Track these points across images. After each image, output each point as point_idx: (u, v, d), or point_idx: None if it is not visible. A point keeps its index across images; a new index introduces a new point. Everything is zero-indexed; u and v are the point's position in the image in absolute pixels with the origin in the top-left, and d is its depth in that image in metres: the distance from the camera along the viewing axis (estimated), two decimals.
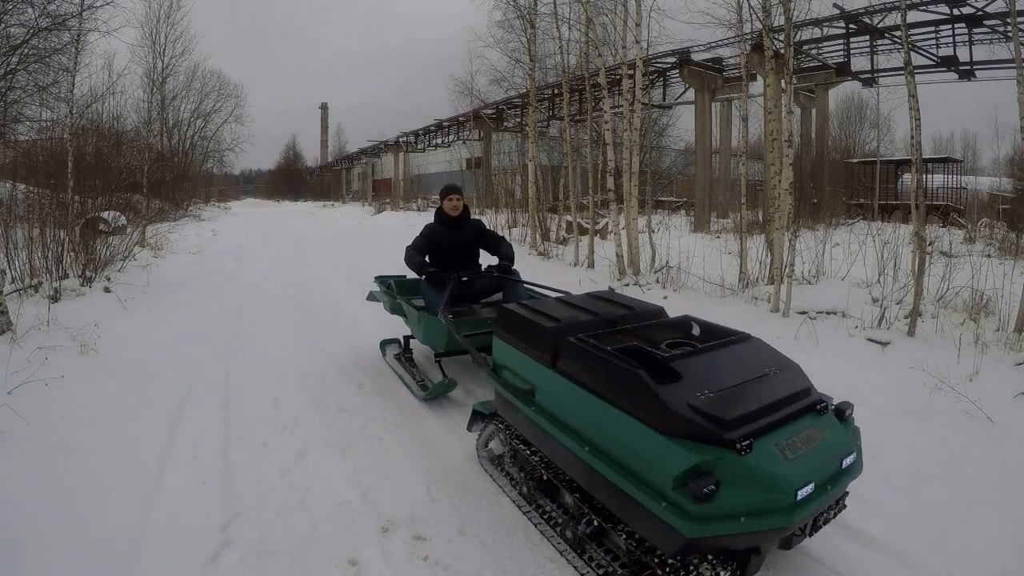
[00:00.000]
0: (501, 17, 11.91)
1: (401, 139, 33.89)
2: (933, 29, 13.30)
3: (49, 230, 5.76)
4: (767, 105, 6.26)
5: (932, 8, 12.71)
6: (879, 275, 5.30)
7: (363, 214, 26.11)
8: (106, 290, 5.75)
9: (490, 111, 21.84)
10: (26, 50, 9.60)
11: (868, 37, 14.40)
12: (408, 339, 4.14)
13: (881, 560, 2.09)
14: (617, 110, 8.89)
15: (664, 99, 18.59)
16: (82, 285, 5.62)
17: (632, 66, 7.34)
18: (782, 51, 5.72)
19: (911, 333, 4.20)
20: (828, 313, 4.83)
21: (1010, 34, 7.49)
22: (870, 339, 4.14)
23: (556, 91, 16.84)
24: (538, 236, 10.18)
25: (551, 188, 13.44)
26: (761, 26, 5.87)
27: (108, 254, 6.50)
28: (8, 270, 5.30)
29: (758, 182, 16.06)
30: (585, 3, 7.82)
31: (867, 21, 13.74)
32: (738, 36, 7.85)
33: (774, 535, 1.69)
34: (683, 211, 19.17)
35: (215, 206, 28.74)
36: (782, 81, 5.85)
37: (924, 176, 6.47)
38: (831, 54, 15.82)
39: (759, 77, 10.33)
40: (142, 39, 19.30)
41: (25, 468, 2.58)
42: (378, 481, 2.60)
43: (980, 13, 12.20)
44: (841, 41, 15.01)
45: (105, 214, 7.73)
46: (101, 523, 2.23)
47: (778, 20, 5.92)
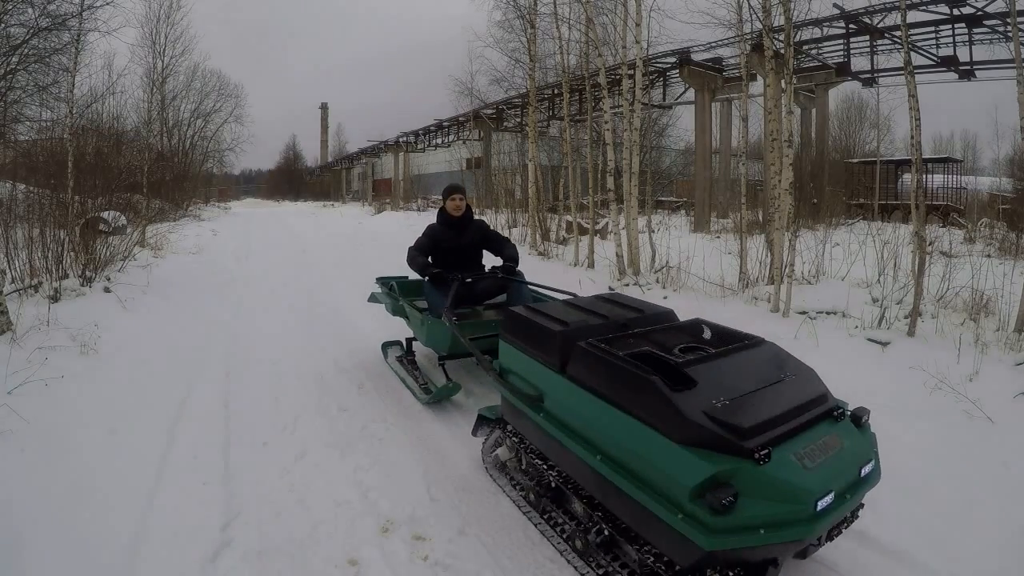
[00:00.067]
0: (501, 17, 11.96)
1: (401, 139, 33.87)
2: (933, 29, 13.30)
3: (49, 230, 5.76)
4: (767, 105, 6.26)
5: (932, 8, 12.71)
6: (879, 275, 5.30)
7: (363, 214, 26.10)
8: (106, 290, 5.75)
9: (490, 111, 21.85)
10: (26, 50, 9.60)
11: (868, 37, 14.40)
12: (410, 341, 4.09)
13: (881, 560, 2.09)
14: (617, 110, 8.88)
15: (664, 99, 18.59)
16: (82, 285, 5.62)
17: (632, 66, 7.34)
18: (782, 51, 5.72)
19: (911, 333, 4.20)
20: (828, 313, 4.83)
21: (1010, 34, 7.49)
22: (870, 339, 4.14)
23: (556, 91, 16.84)
24: (538, 236, 10.18)
25: (551, 188, 13.43)
26: (761, 26, 5.88)
27: (108, 254, 6.49)
28: (8, 270, 5.30)
29: (758, 182, 16.05)
30: (585, 3, 7.82)
31: (867, 21, 13.73)
32: (738, 36, 7.86)
33: (793, 547, 1.66)
34: (683, 211, 19.17)
35: (215, 206, 28.73)
36: (782, 81, 5.85)
37: (924, 176, 6.47)
38: (831, 54, 15.82)
39: (759, 77, 10.33)
40: (142, 39, 19.33)
41: (25, 468, 2.58)
42: (378, 481, 2.60)
43: (980, 13, 12.20)
44: (841, 41, 15.01)
45: (105, 214, 7.72)
46: (101, 523, 2.23)
47: (778, 20, 5.93)
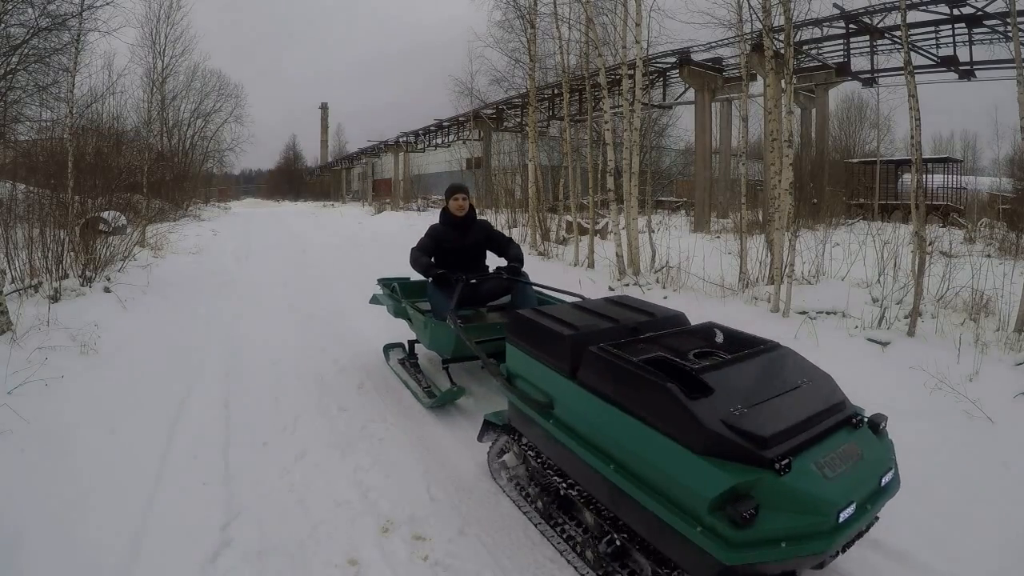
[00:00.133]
0: (501, 17, 11.95)
1: (401, 139, 33.87)
2: (933, 29, 13.30)
3: (49, 230, 5.76)
4: (767, 105, 6.26)
5: (932, 8, 12.71)
6: (879, 275, 5.30)
7: (363, 214, 26.10)
8: (106, 290, 5.75)
9: (490, 111, 21.85)
10: (26, 50, 9.60)
11: (868, 37, 14.40)
12: (413, 344, 4.01)
13: (881, 560, 2.09)
14: (617, 110, 8.88)
15: (664, 99, 18.60)
16: (82, 285, 5.62)
17: (632, 66, 7.34)
18: (782, 51, 5.72)
19: (911, 333, 4.20)
20: (828, 313, 4.83)
21: (1010, 34, 7.49)
22: (870, 339, 4.14)
23: (556, 91, 16.84)
24: (538, 236, 10.18)
25: (551, 188, 13.43)
26: (761, 26, 5.88)
27: (108, 254, 6.49)
28: (8, 270, 5.30)
29: (758, 182, 16.05)
30: (585, 3, 7.82)
31: (867, 21, 13.74)
32: (738, 36, 7.86)
33: (813, 559, 1.61)
34: (683, 211, 19.18)
35: (215, 206, 28.73)
36: (782, 81, 5.85)
37: (924, 176, 6.47)
38: (831, 54, 15.82)
39: (759, 77, 10.33)
40: (142, 39, 19.36)
41: (25, 468, 2.58)
42: (378, 481, 2.60)
43: (980, 13, 12.20)
44: (841, 41, 15.01)
45: (105, 214, 7.72)
46: (101, 523, 2.23)
47: (778, 20, 5.93)
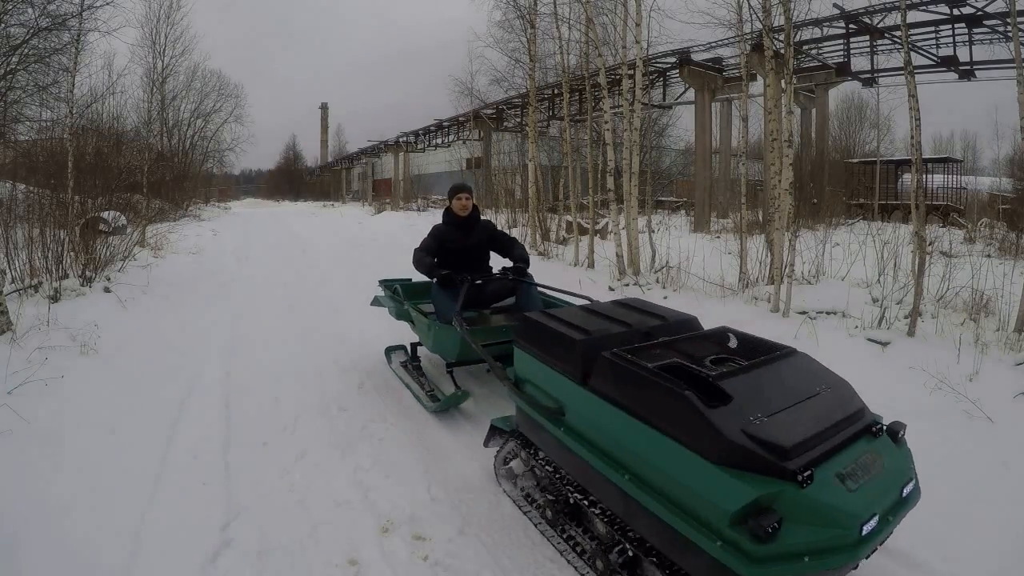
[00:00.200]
0: (501, 17, 11.97)
1: (401, 139, 33.87)
2: (933, 29, 13.30)
3: (49, 230, 5.76)
4: (767, 105, 6.26)
5: (932, 8, 12.72)
6: (879, 275, 5.31)
7: (363, 214, 26.09)
8: (106, 290, 5.75)
9: (490, 111, 21.86)
10: (26, 50, 9.59)
11: (868, 37, 14.40)
12: (415, 346, 3.96)
13: (880, 561, 2.08)
14: (617, 110, 8.89)
15: (664, 99, 18.60)
16: (82, 285, 5.62)
17: (632, 66, 7.35)
18: (782, 51, 5.73)
19: (911, 333, 4.20)
20: (828, 313, 4.83)
21: (1010, 34, 7.49)
22: (870, 339, 4.14)
23: (556, 91, 16.84)
24: (538, 236, 10.18)
25: (551, 188, 13.44)
26: (761, 26, 5.88)
27: (108, 254, 6.49)
28: (8, 270, 5.31)
29: (758, 182, 16.06)
30: (585, 3, 7.82)
31: (867, 21, 13.74)
32: (738, 36, 7.86)
33: (834, 573, 1.56)
34: (683, 211, 19.18)
35: (215, 206, 28.72)
36: (782, 81, 5.85)
37: (924, 176, 6.47)
38: (831, 54, 15.82)
39: (759, 77, 10.34)
40: (142, 39, 19.34)
41: (25, 468, 2.58)
42: (378, 481, 2.60)
43: (980, 13, 12.21)
44: (841, 41, 15.01)
45: (105, 214, 7.72)
46: (101, 523, 2.23)
47: (778, 20, 5.93)
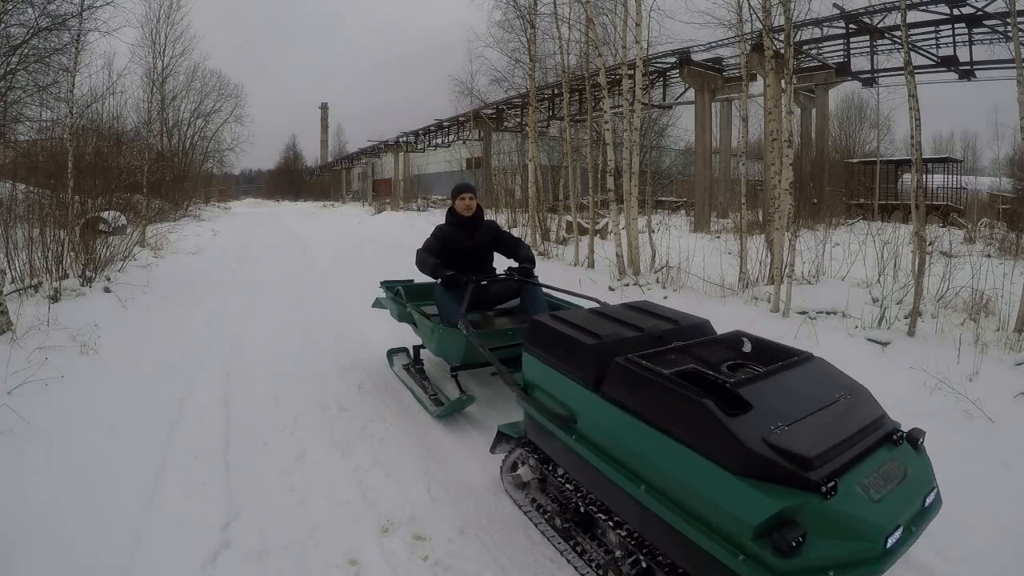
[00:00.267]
0: (501, 17, 11.93)
1: (401, 139, 33.88)
2: (933, 29, 13.31)
3: (49, 230, 5.76)
4: (767, 105, 6.26)
5: (932, 8, 12.72)
6: (879, 275, 5.31)
7: (363, 214, 26.09)
8: (106, 290, 5.75)
9: (490, 111, 21.86)
10: (26, 50, 9.59)
11: (868, 37, 14.41)
12: (418, 349, 3.89)
13: None
14: (617, 110, 8.88)
15: (664, 99, 18.61)
16: (82, 285, 5.62)
17: (632, 66, 7.34)
18: (782, 51, 5.73)
19: (911, 333, 4.20)
20: (828, 313, 4.83)
21: (1010, 34, 7.49)
22: (870, 339, 4.14)
23: (556, 91, 16.84)
24: (538, 236, 10.18)
25: (551, 188, 13.43)
26: (761, 26, 5.88)
27: (108, 254, 6.49)
28: (8, 270, 5.30)
29: (758, 182, 16.06)
30: (585, 3, 7.82)
31: (867, 21, 13.74)
32: (738, 36, 7.86)
33: None
34: (683, 211, 19.18)
35: (215, 206, 28.72)
36: (782, 81, 5.85)
37: (924, 176, 6.47)
38: (831, 54, 15.82)
39: (759, 77, 10.33)
40: (142, 39, 19.32)
41: (25, 468, 2.58)
42: (378, 481, 2.60)
43: (980, 13, 12.21)
44: (841, 41, 15.02)
45: (105, 214, 7.72)
46: (101, 523, 2.23)
47: (778, 20, 5.93)
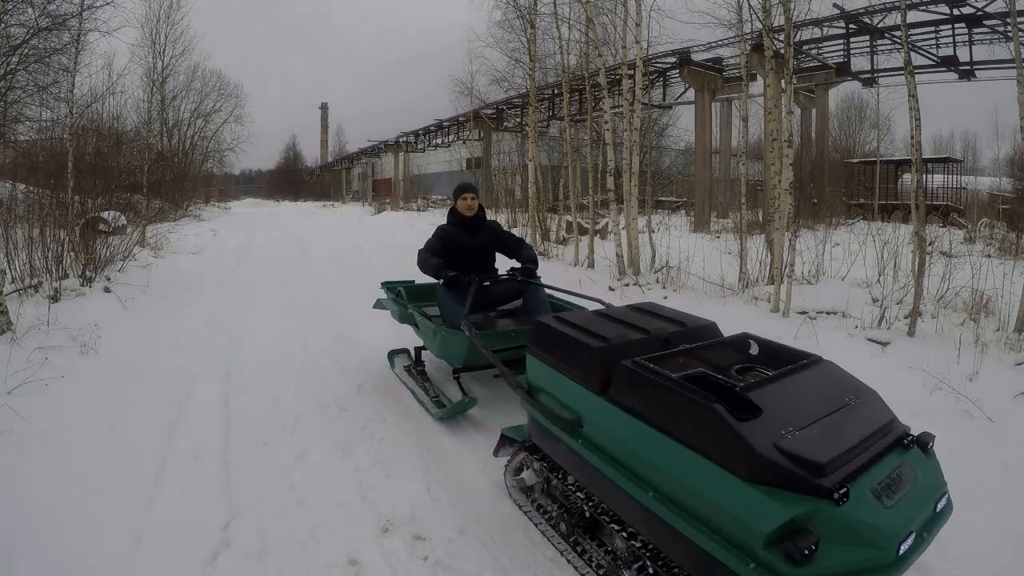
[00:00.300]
0: (501, 17, 11.92)
1: (401, 139, 33.88)
2: (933, 29, 13.31)
3: (49, 230, 5.77)
4: (767, 105, 6.26)
5: (932, 8, 12.72)
6: (879, 275, 5.31)
7: (363, 214, 26.08)
8: (106, 290, 5.75)
9: (490, 111, 21.86)
10: (26, 50, 9.60)
11: (868, 37, 14.41)
12: (420, 350, 3.84)
13: None
14: (617, 110, 8.88)
15: (664, 99, 18.60)
16: (82, 285, 5.62)
17: (632, 66, 7.34)
18: (782, 51, 5.73)
19: (911, 333, 4.20)
20: (828, 313, 4.83)
21: (1010, 34, 7.49)
22: (870, 339, 4.14)
23: (556, 91, 16.84)
24: (538, 236, 10.18)
25: (551, 188, 13.43)
26: (761, 26, 5.88)
27: (108, 254, 6.50)
28: (8, 270, 5.31)
29: (758, 182, 16.06)
30: (585, 3, 7.82)
31: (867, 21, 13.74)
32: (738, 36, 7.86)
33: None
34: (683, 211, 19.19)
35: (215, 206, 28.69)
36: (782, 81, 5.85)
37: (924, 176, 6.48)
38: (831, 54, 15.83)
39: (759, 77, 10.33)
40: (142, 39, 19.29)
41: (25, 468, 2.58)
42: (378, 481, 2.60)
43: (980, 13, 12.21)
44: (841, 41, 15.02)
45: (105, 214, 7.73)
46: (101, 523, 2.23)
47: (778, 20, 5.93)
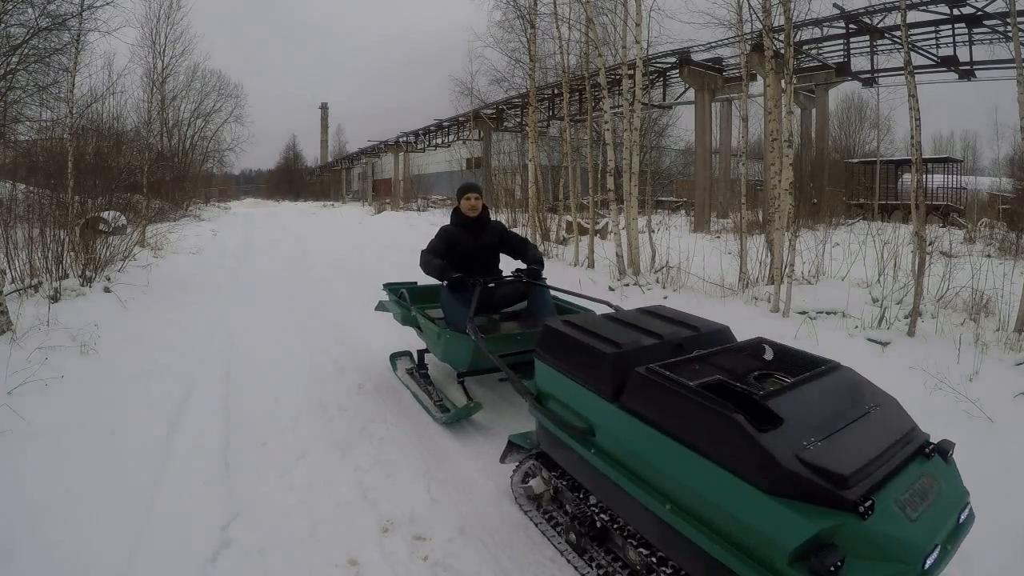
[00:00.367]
0: (501, 17, 11.92)
1: (401, 139, 33.89)
2: (933, 29, 13.31)
3: (49, 230, 5.77)
4: (767, 105, 6.26)
5: (932, 8, 12.72)
6: (879, 275, 5.31)
7: (363, 214, 26.09)
8: (106, 290, 5.75)
9: (490, 111, 21.86)
10: (26, 50, 9.58)
11: (868, 37, 14.41)
12: (423, 353, 3.77)
13: None
14: (617, 110, 8.89)
15: (664, 99, 18.61)
16: (82, 285, 5.62)
17: (632, 66, 7.34)
18: (782, 51, 5.73)
19: (911, 333, 4.20)
20: (828, 313, 4.83)
21: (1010, 34, 7.49)
22: (870, 339, 4.14)
23: (556, 91, 16.84)
24: (538, 236, 10.18)
25: (551, 188, 13.43)
26: (761, 26, 5.88)
27: (108, 254, 6.50)
28: (8, 270, 5.31)
29: (758, 182, 16.06)
30: (585, 3, 7.82)
31: (867, 21, 13.74)
32: (738, 36, 7.86)
33: None
34: (683, 211, 19.19)
35: (215, 206, 28.66)
36: (782, 81, 5.85)
37: (924, 176, 6.48)
38: (831, 54, 15.83)
39: (759, 77, 10.34)
40: (142, 39, 19.29)
41: (25, 468, 2.58)
42: (378, 481, 2.60)
43: (980, 13, 12.21)
44: (841, 41, 15.03)
45: (105, 214, 7.73)
46: (101, 523, 2.23)
47: (778, 20, 5.93)
